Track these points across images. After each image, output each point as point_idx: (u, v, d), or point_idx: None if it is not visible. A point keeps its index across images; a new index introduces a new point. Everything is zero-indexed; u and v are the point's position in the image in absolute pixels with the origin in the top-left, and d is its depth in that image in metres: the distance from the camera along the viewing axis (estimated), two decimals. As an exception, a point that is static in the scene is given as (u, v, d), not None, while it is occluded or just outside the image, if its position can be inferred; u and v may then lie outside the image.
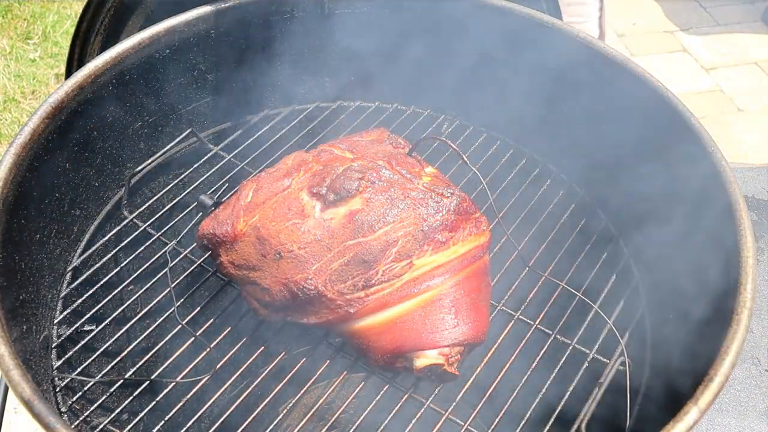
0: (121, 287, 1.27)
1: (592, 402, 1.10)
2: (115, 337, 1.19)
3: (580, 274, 1.29)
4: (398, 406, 1.09)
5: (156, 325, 1.19)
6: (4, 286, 1.09)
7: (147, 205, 1.38)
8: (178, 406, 1.12)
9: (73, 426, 1.11)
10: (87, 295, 1.24)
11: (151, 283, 1.25)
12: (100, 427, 1.10)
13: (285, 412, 1.14)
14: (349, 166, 1.15)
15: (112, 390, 1.15)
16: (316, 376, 1.15)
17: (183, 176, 1.48)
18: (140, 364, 1.21)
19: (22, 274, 1.16)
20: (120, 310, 1.23)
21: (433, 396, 1.11)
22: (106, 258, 1.31)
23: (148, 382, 1.14)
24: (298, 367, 1.14)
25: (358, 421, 1.10)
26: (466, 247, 1.12)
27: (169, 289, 1.20)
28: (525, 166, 1.46)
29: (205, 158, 1.46)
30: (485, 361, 1.15)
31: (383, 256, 1.07)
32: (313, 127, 1.55)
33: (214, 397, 1.13)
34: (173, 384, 1.13)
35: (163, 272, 1.23)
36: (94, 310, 1.23)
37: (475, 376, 1.12)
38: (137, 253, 1.30)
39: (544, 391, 1.11)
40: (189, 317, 1.19)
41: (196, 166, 1.45)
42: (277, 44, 1.52)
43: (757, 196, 1.87)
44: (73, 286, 1.28)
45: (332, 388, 1.17)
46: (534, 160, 1.49)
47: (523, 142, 1.51)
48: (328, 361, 1.16)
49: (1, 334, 0.96)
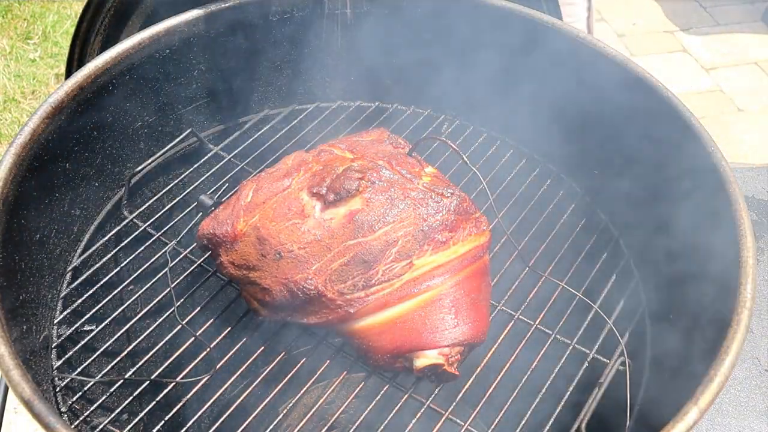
0: (121, 287, 1.27)
1: (592, 402, 1.10)
2: (115, 337, 1.19)
3: (580, 274, 1.29)
4: (398, 406, 1.09)
5: (156, 325, 1.19)
6: (4, 286, 1.09)
7: (147, 205, 1.38)
8: (178, 406, 1.12)
9: (73, 426, 1.11)
10: (87, 295, 1.25)
11: (151, 283, 1.25)
12: (100, 427, 1.10)
13: (285, 412, 1.14)
14: (349, 166, 1.15)
15: (112, 390, 1.15)
16: (316, 376, 1.15)
17: (183, 176, 1.48)
18: (140, 364, 1.21)
19: (22, 274, 1.16)
20: (120, 310, 1.23)
21: (433, 396, 1.11)
22: (106, 258, 1.31)
23: (148, 382, 1.14)
24: (298, 367, 1.14)
25: (358, 421, 1.10)
26: (466, 247, 1.12)
27: (169, 289, 1.20)
28: (525, 166, 1.46)
29: (205, 158, 1.46)
30: (485, 361, 1.15)
31: (383, 256, 1.07)
32: (313, 127, 1.55)
33: (214, 397, 1.13)
34: (173, 384, 1.13)
35: (163, 272, 1.23)
36: (94, 310, 1.23)
37: (475, 376, 1.12)
38: (137, 253, 1.30)
39: (544, 391, 1.11)
40: (189, 317, 1.19)
41: (196, 166, 1.45)
42: (277, 44, 1.52)
43: (757, 196, 1.87)
44: (73, 286, 1.28)
45: (332, 388, 1.17)
46: (534, 160, 1.49)
47: (523, 142, 1.51)
48: (328, 361, 1.16)
49: (1, 334, 0.96)
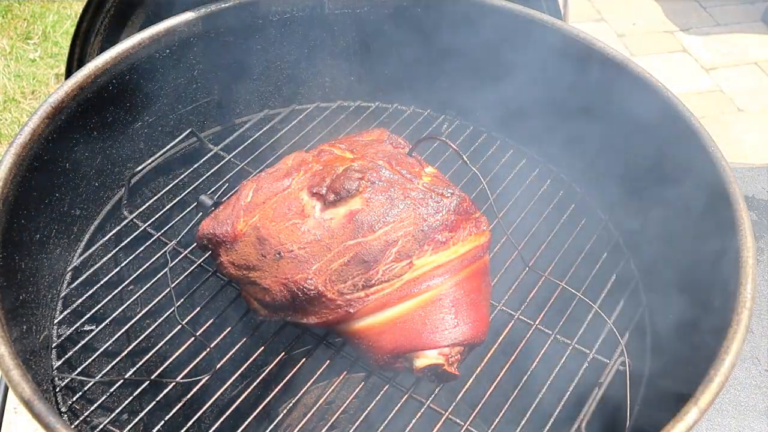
0: (121, 287, 1.27)
1: (592, 402, 1.10)
2: (115, 337, 1.19)
3: (580, 274, 1.29)
4: (398, 406, 1.09)
5: (156, 325, 1.19)
6: (4, 286, 1.09)
7: (147, 205, 1.38)
8: (178, 406, 1.12)
9: (73, 426, 1.11)
10: (87, 295, 1.25)
11: (151, 283, 1.25)
12: (100, 427, 1.10)
13: (285, 412, 1.14)
14: (349, 166, 1.15)
15: (112, 390, 1.15)
16: (316, 376, 1.15)
17: (183, 176, 1.48)
18: (140, 364, 1.21)
19: (22, 274, 1.16)
20: (120, 310, 1.23)
21: (433, 396, 1.11)
22: (106, 258, 1.31)
23: (148, 382, 1.14)
24: (298, 367, 1.14)
25: (358, 421, 1.10)
26: (466, 247, 1.12)
27: (169, 289, 1.20)
28: (525, 166, 1.47)
29: (205, 158, 1.46)
30: (485, 361, 1.15)
31: (383, 256, 1.07)
32: (313, 127, 1.55)
33: (214, 397, 1.13)
34: (173, 384, 1.13)
35: (163, 272, 1.23)
36: (94, 310, 1.23)
37: (475, 376, 1.12)
38: (137, 253, 1.30)
39: (544, 391, 1.11)
40: (189, 317, 1.19)
41: (196, 166, 1.45)
42: (277, 44, 1.53)
43: (757, 196, 1.87)
44: (73, 286, 1.28)
45: (332, 388, 1.17)
46: (534, 160, 1.49)
47: (523, 142, 1.51)
48: (328, 361, 1.16)
49: (1, 334, 0.96)
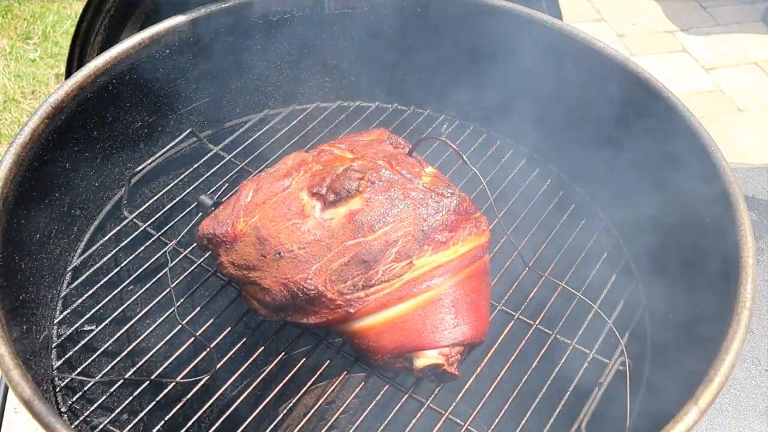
0: (121, 287, 1.27)
1: (592, 402, 1.10)
2: (115, 337, 1.19)
3: (580, 274, 1.29)
4: (398, 406, 1.09)
5: (156, 325, 1.19)
6: (4, 286, 1.09)
7: (147, 205, 1.38)
8: (178, 406, 1.12)
9: (73, 426, 1.11)
10: (87, 295, 1.25)
11: (151, 283, 1.25)
12: (100, 427, 1.10)
13: (285, 412, 1.14)
14: (349, 166, 1.15)
15: (112, 390, 1.15)
16: (316, 376, 1.15)
17: (183, 176, 1.48)
18: (140, 364, 1.21)
19: (22, 274, 1.16)
20: (120, 310, 1.23)
21: (433, 396, 1.11)
22: (106, 258, 1.31)
23: (148, 382, 1.14)
24: (298, 367, 1.14)
25: (358, 421, 1.10)
26: (466, 247, 1.12)
27: (169, 289, 1.20)
28: (525, 166, 1.46)
29: (205, 158, 1.46)
30: (485, 361, 1.15)
31: (383, 256, 1.07)
32: (313, 127, 1.55)
33: (214, 397, 1.13)
34: (173, 384, 1.13)
35: (163, 272, 1.23)
36: (94, 310, 1.23)
37: (475, 376, 1.12)
38: (137, 253, 1.30)
39: (544, 391, 1.11)
40: (189, 317, 1.19)
41: (196, 166, 1.45)
42: (277, 44, 1.53)
43: (757, 196, 1.87)
44: (73, 286, 1.28)
45: (332, 388, 1.17)
46: (534, 160, 1.49)
47: (523, 142, 1.51)
48: (328, 361, 1.16)
49: (1, 334, 0.96)
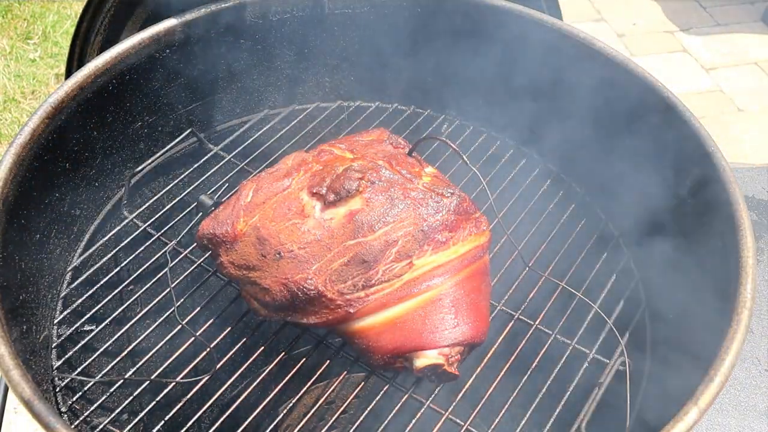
0: (121, 287, 1.27)
1: (592, 402, 1.10)
2: (115, 337, 1.19)
3: (580, 274, 1.29)
4: (398, 406, 1.09)
5: (156, 325, 1.19)
6: (4, 286, 1.09)
7: (147, 205, 1.38)
8: (178, 406, 1.12)
9: (73, 426, 1.11)
10: (87, 295, 1.25)
11: (151, 283, 1.25)
12: (100, 427, 1.10)
13: (285, 412, 1.14)
14: (349, 166, 1.15)
15: (112, 390, 1.15)
16: (316, 376, 1.15)
17: (183, 176, 1.48)
18: (140, 364, 1.21)
19: (22, 274, 1.16)
20: (120, 310, 1.23)
21: (433, 396, 1.11)
22: (106, 258, 1.31)
23: (148, 382, 1.14)
24: (298, 367, 1.14)
25: (358, 421, 1.10)
26: (466, 247, 1.12)
27: (169, 289, 1.20)
28: (525, 166, 1.46)
29: (205, 158, 1.46)
30: (485, 361, 1.15)
31: (383, 256, 1.07)
32: (313, 127, 1.55)
33: (214, 397, 1.13)
34: (173, 384, 1.13)
35: (163, 272, 1.23)
36: (94, 310, 1.23)
37: (475, 376, 1.12)
38: (137, 253, 1.30)
39: (544, 391, 1.11)
40: (189, 317, 1.19)
41: (196, 166, 1.45)
42: (277, 44, 1.52)
43: (757, 196, 1.87)
44: (73, 286, 1.28)
45: (332, 388, 1.17)
46: (534, 160, 1.49)
47: (523, 142, 1.51)
48: (328, 361, 1.16)
49: (1, 334, 0.96)
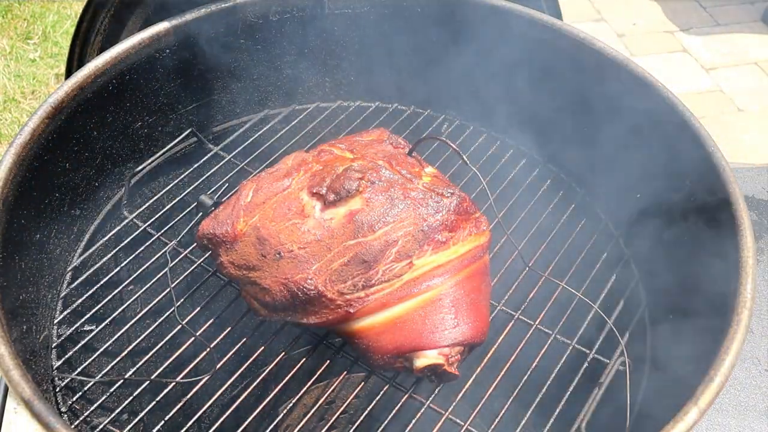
0: (121, 287, 1.27)
1: (592, 402, 1.10)
2: (115, 337, 1.19)
3: (580, 274, 1.29)
4: (398, 406, 1.09)
5: (156, 325, 1.19)
6: (4, 286, 1.09)
7: (147, 205, 1.38)
8: (178, 406, 1.12)
9: (73, 426, 1.11)
10: (87, 295, 1.25)
11: (151, 283, 1.25)
12: (100, 427, 1.10)
13: (285, 412, 1.14)
14: (349, 166, 1.15)
15: (112, 390, 1.15)
16: (316, 376, 1.15)
17: (183, 176, 1.48)
18: (140, 364, 1.21)
19: (22, 274, 1.16)
20: (120, 310, 1.23)
21: (433, 396, 1.11)
22: (106, 258, 1.31)
23: (148, 382, 1.14)
24: (298, 367, 1.14)
25: (358, 421, 1.10)
26: (466, 247, 1.12)
27: (169, 289, 1.20)
28: (525, 166, 1.47)
29: (205, 158, 1.46)
30: (485, 361, 1.15)
31: (383, 256, 1.07)
32: (313, 127, 1.55)
33: (214, 397, 1.13)
34: (173, 384, 1.13)
35: (163, 272, 1.23)
36: (94, 310, 1.23)
37: (475, 376, 1.12)
38: (137, 253, 1.30)
39: (544, 391, 1.11)
40: (189, 317, 1.19)
41: (196, 166, 1.45)
42: (277, 44, 1.52)
43: (757, 196, 1.87)
44: (73, 286, 1.28)
45: (332, 388, 1.17)
46: (534, 160, 1.49)
47: (523, 142, 1.51)
48: (328, 361, 1.16)
49: (1, 334, 0.96)
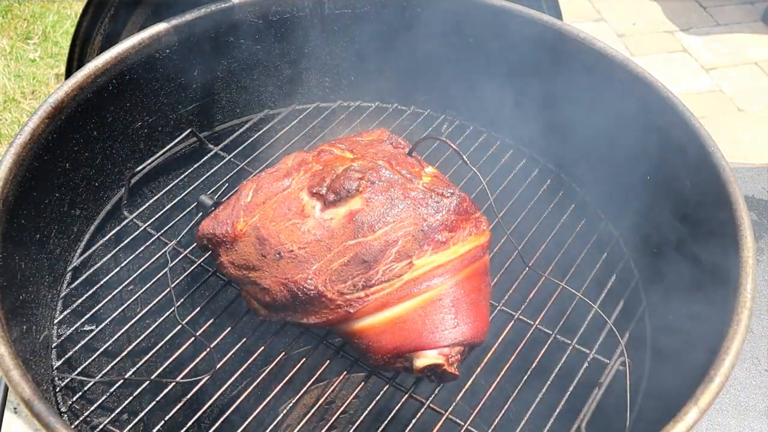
0: (121, 287, 1.27)
1: (592, 402, 1.10)
2: (115, 337, 1.19)
3: (580, 274, 1.28)
4: (398, 406, 1.09)
5: (156, 325, 1.19)
6: (4, 286, 1.09)
7: (147, 205, 1.38)
8: (178, 406, 1.12)
9: (73, 426, 1.11)
10: (87, 295, 1.24)
11: (151, 283, 1.25)
12: (100, 427, 1.10)
13: (285, 412, 1.14)
14: (349, 166, 1.15)
15: (112, 390, 1.15)
16: (316, 376, 1.15)
17: (183, 176, 1.48)
18: (140, 364, 1.21)
19: (22, 274, 1.16)
20: (120, 310, 1.23)
21: (433, 396, 1.11)
22: (106, 258, 1.31)
23: (148, 382, 1.14)
24: (298, 367, 1.14)
25: (358, 421, 1.10)
26: (466, 247, 1.12)
27: (169, 289, 1.20)
28: (525, 165, 1.46)
29: (205, 158, 1.46)
30: (485, 361, 1.15)
31: (383, 256, 1.07)
32: (313, 127, 1.55)
33: (214, 397, 1.13)
34: (173, 384, 1.13)
35: (163, 272, 1.23)
36: (94, 310, 1.23)
37: (475, 376, 1.12)
38: (137, 253, 1.30)
39: (544, 391, 1.11)
40: (189, 317, 1.19)
41: (196, 166, 1.45)
42: (277, 44, 1.52)
43: (757, 196, 1.87)
44: (73, 286, 1.28)
45: (332, 388, 1.17)
46: (534, 160, 1.49)
47: (523, 142, 1.51)
48: (328, 361, 1.16)
49: (1, 334, 0.96)
